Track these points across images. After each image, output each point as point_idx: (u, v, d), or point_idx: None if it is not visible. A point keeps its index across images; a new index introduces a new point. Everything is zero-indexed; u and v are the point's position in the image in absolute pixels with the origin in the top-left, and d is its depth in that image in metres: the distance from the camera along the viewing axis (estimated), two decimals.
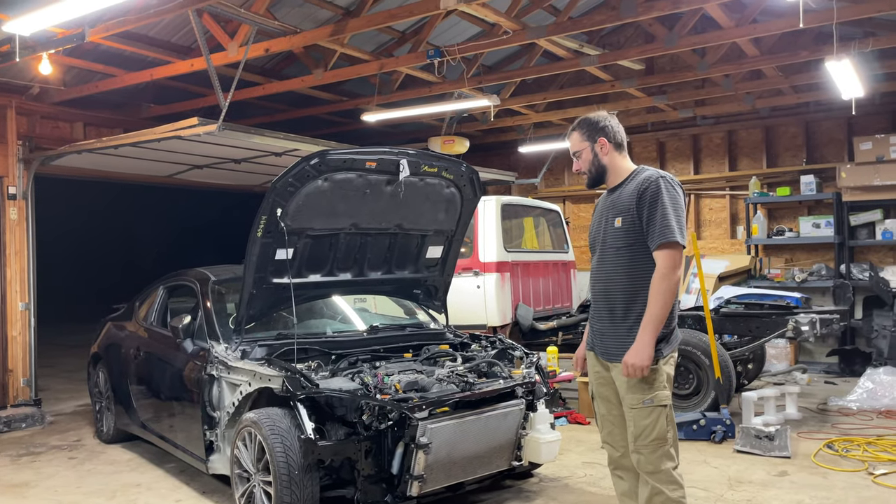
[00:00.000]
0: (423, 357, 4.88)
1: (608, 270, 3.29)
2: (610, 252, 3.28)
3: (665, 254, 3.09)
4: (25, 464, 5.80)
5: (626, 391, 3.17)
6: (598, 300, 3.37)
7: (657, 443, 3.11)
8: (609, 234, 3.30)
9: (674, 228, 3.09)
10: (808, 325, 6.47)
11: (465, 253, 7.40)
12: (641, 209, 3.17)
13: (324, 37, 6.75)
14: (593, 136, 3.35)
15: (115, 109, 8.99)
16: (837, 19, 5.95)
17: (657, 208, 3.13)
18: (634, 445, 3.15)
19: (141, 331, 5.96)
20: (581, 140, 3.38)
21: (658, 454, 3.11)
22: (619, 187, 3.34)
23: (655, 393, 3.12)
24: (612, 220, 3.28)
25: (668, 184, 3.17)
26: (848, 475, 5.07)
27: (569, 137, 3.45)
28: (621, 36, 10.37)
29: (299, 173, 4.31)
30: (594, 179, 3.40)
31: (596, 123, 3.37)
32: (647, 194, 3.16)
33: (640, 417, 3.12)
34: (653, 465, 3.12)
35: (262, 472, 4.04)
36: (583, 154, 3.38)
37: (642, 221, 3.16)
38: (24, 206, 7.74)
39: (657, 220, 3.12)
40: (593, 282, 3.41)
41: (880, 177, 8.89)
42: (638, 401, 3.12)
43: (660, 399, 3.12)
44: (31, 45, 6.22)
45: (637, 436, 3.13)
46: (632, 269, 3.21)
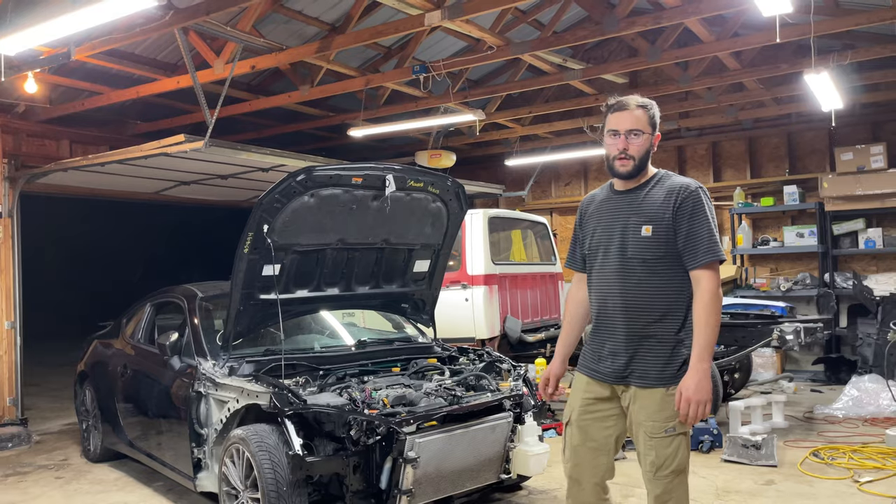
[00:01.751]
0: (411, 371, 4.89)
1: (633, 283, 2.92)
2: (635, 263, 2.91)
3: (710, 274, 2.82)
4: (12, 484, 5.75)
5: (644, 418, 2.88)
6: (613, 316, 2.97)
7: (677, 472, 2.87)
8: (633, 242, 2.92)
9: (720, 246, 2.86)
10: (793, 334, 6.54)
11: (453, 266, 7.43)
12: (680, 220, 2.86)
13: (310, 53, 6.80)
14: (656, 126, 3.01)
15: (102, 127, 8.98)
16: (815, 33, 6.05)
17: (702, 222, 2.85)
18: (655, 475, 2.87)
19: (128, 348, 5.93)
20: (647, 123, 2.97)
21: (677, 482, 2.88)
22: (640, 188, 2.99)
23: (677, 420, 2.83)
24: (637, 226, 2.91)
25: (706, 195, 2.93)
26: (833, 483, 5.11)
27: (627, 110, 2.98)
28: (605, 50, 10.49)
29: (286, 189, 4.33)
30: (636, 170, 2.97)
31: (658, 114, 3.02)
32: (689, 205, 2.86)
33: (662, 446, 2.85)
34: (668, 493, 2.88)
35: (251, 488, 4.03)
36: (643, 138, 2.95)
37: (678, 234, 2.87)
38: (10, 224, 7.70)
39: (703, 235, 2.84)
40: (603, 294, 3.01)
41: (862, 186, 9.01)
42: (660, 429, 2.85)
43: (682, 426, 2.85)
44: (16, 64, 6.23)
45: (659, 466, 2.86)
46: (665, 284, 2.90)
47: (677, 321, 2.92)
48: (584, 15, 8.71)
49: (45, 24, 4.78)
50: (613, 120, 3.00)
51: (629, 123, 2.96)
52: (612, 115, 3.01)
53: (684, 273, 2.90)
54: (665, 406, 2.86)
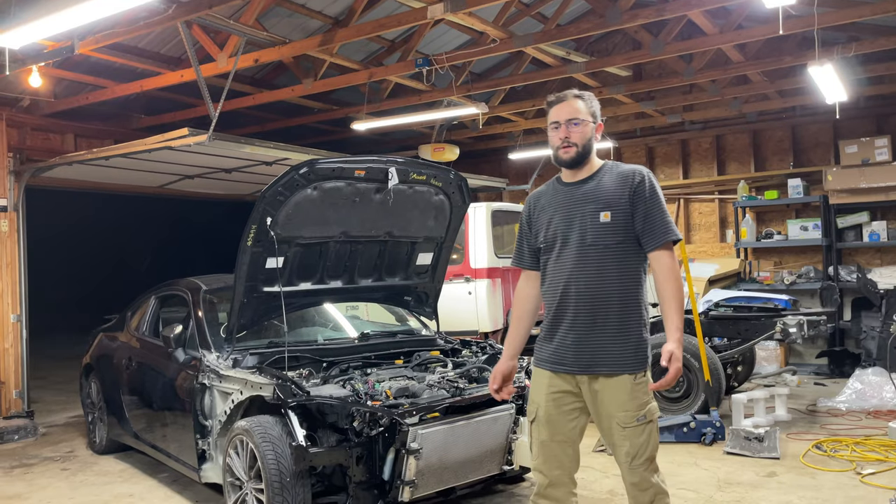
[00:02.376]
0: (413, 363, 4.91)
1: (594, 270, 2.95)
2: (595, 250, 2.96)
3: (669, 253, 2.94)
4: (18, 475, 5.80)
5: (616, 409, 2.92)
6: (576, 305, 2.98)
7: (650, 459, 2.95)
8: (592, 229, 2.97)
9: (675, 226, 2.98)
10: (796, 326, 6.54)
11: (457, 259, 7.44)
12: (637, 204, 2.95)
13: (313, 47, 6.80)
14: (597, 116, 3.11)
15: (106, 121, 9.01)
16: (819, 25, 6.03)
17: (658, 205, 2.96)
18: (631, 465, 2.93)
19: (133, 341, 5.97)
20: (586, 112, 3.06)
21: (651, 469, 2.96)
22: (591, 178, 3.07)
23: (648, 407, 2.94)
24: (595, 213, 2.97)
25: (656, 179, 3.05)
26: (836, 475, 5.12)
27: (565, 102, 3.07)
28: (608, 43, 10.47)
29: (289, 182, 4.34)
30: (580, 157, 3.04)
31: (598, 106, 3.14)
32: (644, 189, 2.96)
33: (636, 435, 2.91)
34: (648, 482, 2.95)
35: (255, 479, 4.06)
36: (584, 126, 3.04)
37: (635, 217, 2.96)
38: (16, 218, 7.74)
39: (658, 216, 2.95)
40: (564, 283, 3.01)
41: (866, 179, 8.98)
42: (632, 418, 2.90)
43: (651, 412, 2.95)
44: (20, 58, 6.24)
45: (634, 455, 2.92)
46: (624, 270, 2.97)
47: (638, 306, 3.01)
48: (588, 8, 8.70)
49: (49, 17, 4.79)
50: (554, 113, 3.09)
51: (568, 113, 3.05)
52: (552, 109, 3.11)
53: (641, 258, 3.01)
54: (635, 395, 2.92)
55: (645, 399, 2.93)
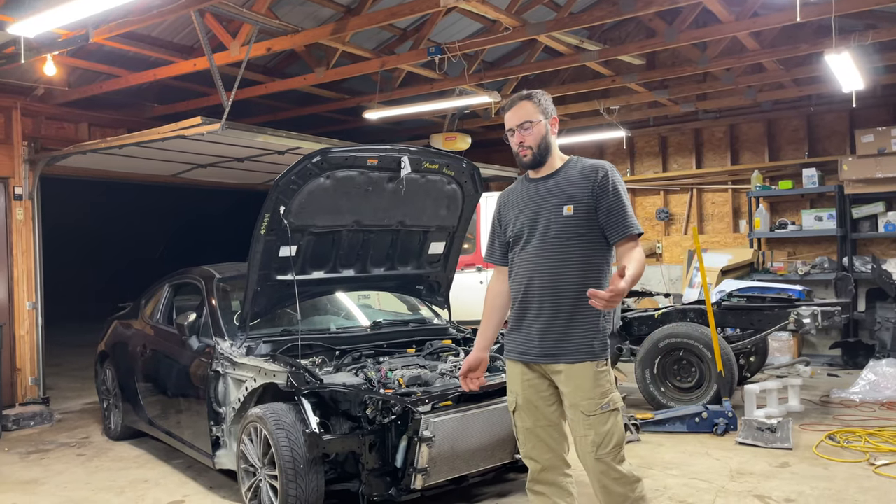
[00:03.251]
0: (426, 352, 4.93)
1: (556, 262, 3.01)
2: (558, 242, 3.01)
3: (633, 244, 2.97)
4: (35, 461, 5.87)
5: (580, 398, 2.95)
6: (536, 299, 3.04)
7: (617, 447, 2.96)
8: (555, 222, 3.01)
9: (637, 221, 3.02)
10: (810, 317, 6.50)
11: (468, 249, 7.44)
12: (600, 198, 2.98)
13: (325, 35, 6.79)
14: (548, 112, 3.10)
15: (119, 110, 9.05)
16: (836, 12, 5.96)
17: (620, 199, 2.99)
18: (597, 454, 2.94)
19: (147, 328, 6.01)
20: (536, 112, 3.07)
21: (618, 458, 2.97)
22: (556, 174, 3.10)
23: (611, 396, 2.97)
24: (559, 206, 3.01)
25: (619, 174, 3.08)
26: (849, 466, 5.10)
27: (514, 107, 3.10)
28: (622, 31, 10.38)
29: (302, 171, 4.35)
30: (538, 159, 3.09)
31: (548, 100, 3.13)
32: (608, 183, 2.98)
33: (600, 424, 2.93)
34: (616, 471, 2.96)
35: (268, 466, 4.09)
36: (535, 127, 3.05)
37: (598, 211, 2.99)
38: (31, 206, 7.80)
39: (620, 210, 2.98)
40: (528, 276, 3.06)
41: (882, 169, 8.89)
42: (595, 406, 2.93)
43: (614, 401, 2.98)
44: (35, 46, 6.28)
45: (598, 444, 2.93)
46: (586, 262, 3.01)
47: None
48: None
49: (64, 6, 4.82)
50: (507, 119, 3.13)
51: (519, 118, 3.09)
52: (505, 115, 3.15)
53: (604, 250, 3.04)
54: (598, 382, 2.97)
55: (607, 387, 2.98)
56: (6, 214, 7.66)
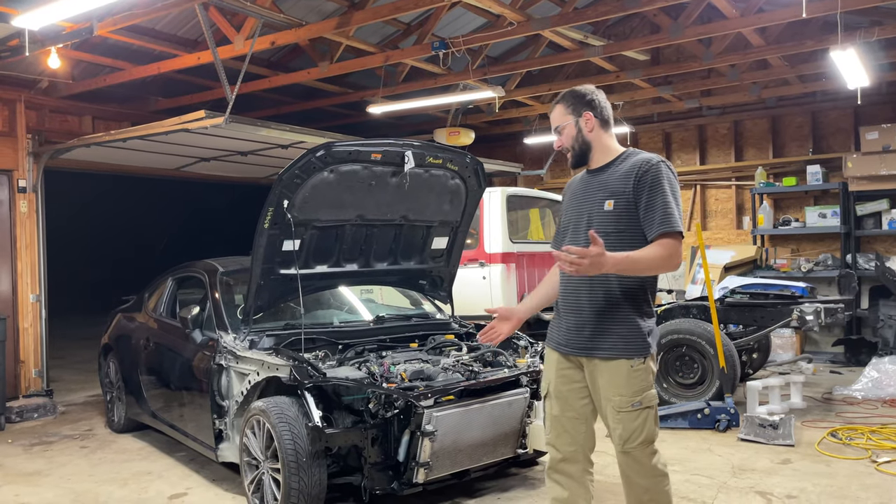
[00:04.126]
0: (428, 347, 4.93)
1: None
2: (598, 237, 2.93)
3: (667, 241, 2.85)
4: (38, 453, 5.90)
5: (612, 393, 2.94)
6: (576, 291, 3.05)
7: (645, 443, 2.94)
8: (596, 217, 2.99)
9: (677, 218, 2.87)
10: (813, 314, 6.48)
11: (471, 244, 7.44)
12: (640, 193, 2.91)
13: (329, 29, 6.79)
14: (578, 109, 3.08)
15: (123, 103, 9.05)
16: (842, 8, 5.93)
17: (658, 194, 2.88)
18: (623, 447, 2.95)
19: (151, 322, 6.03)
20: (564, 114, 3.10)
21: (646, 453, 2.96)
22: (606, 167, 3.06)
23: (645, 394, 2.93)
24: (601, 201, 2.99)
25: (668, 169, 2.95)
26: (851, 463, 5.10)
27: (551, 112, 3.17)
28: (626, 26, 10.36)
29: (305, 165, 4.35)
30: (578, 157, 3.11)
31: (582, 97, 3.09)
32: (648, 178, 2.90)
33: (629, 420, 2.92)
34: (641, 465, 2.97)
35: (271, 459, 4.10)
36: (566, 129, 3.10)
37: (638, 207, 2.92)
38: (34, 199, 7.82)
39: (658, 206, 2.87)
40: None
41: (886, 166, 8.87)
42: (626, 403, 2.91)
43: (648, 400, 2.94)
44: (39, 39, 6.28)
45: (626, 439, 2.93)
46: None
47: (639, 295, 2.99)
48: None
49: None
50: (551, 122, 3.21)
51: (553, 123, 3.17)
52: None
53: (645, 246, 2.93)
54: (632, 381, 2.92)
55: (642, 386, 2.93)
56: (10, 207, 7.67)
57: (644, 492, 3.01)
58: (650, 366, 2.98)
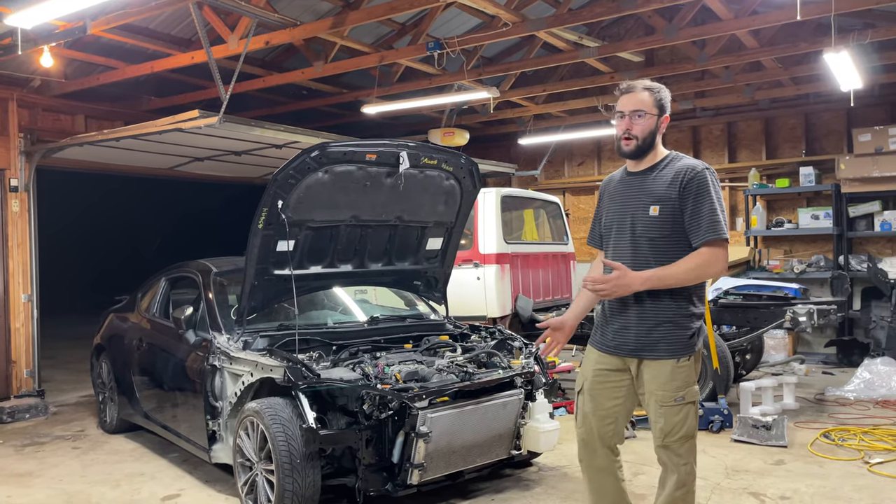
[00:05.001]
0: (423, 348, 4.93)
1: (639, 261, 3.03)
2: (643, 241, 3.05)
3: (712, 249, 2.94)
4: (30, 453, 5.86)
5: (656, 387, 3.02)
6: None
7: (685, 438, 3.03)
8: (641, 222, 3.05)
9: (723, 225, 2.95)
10: (806, 315, 6.51)
11: (466, 245, 7.43)
12: (685, 200, 2.97)
13: (324, 29, 6.77)
14: (663, 108, 3.11)
15: (116, 102, 9.01)
16: (836, 11, 5.95)
17: (705, 202, 2.95)
18: (663, 441, 3.04)
19: (143, 322, 6.00)
20: (652, 104, 3.07)
21: (686, 448, 3.05)
22: (650, 171, 3.10)
23: (688, 389, 3.01)
24: (646, 206, 3.04)
25: (713, 176, 3.03)
26: (844, 464, 5.12)
27: (632, 92, 3.10)
28: (621, 28, 10.37)
29: (300, 165, 4.34)
30: (640, 150, 3.09)
31: (667, 97, 3.13)
32: (694, 185, 2.97)
33: (672, 414, 3.01)
34: (681, 457, 3.05)
35: (265, 460, 4.09)
36: (646, 119, 3.06)
37: (684, 213, 2.98)
38: (27, 198, 7.77)
39: (705, 214, 2.94)
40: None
41: (879, 168, 8.91)
42: (669, 398, 2.99)
43: (691, 395, 3.02)
44: (32, 37, 6.24)
45: (667, 432, 3.02)
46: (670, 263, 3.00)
47: (685, 298, 3.04)
48: None
49: None
50: (620, 103, 3.14)
51: (633, 105, 3.09)
52: (620, 98, 3.16)
53: (689, 251, 3.00)
54: (676, 376, 3.00)
55: (686, 382, 3.02)
56: (2, 206, 7.63)
57: (677, 487, 3.09)
58: (695, 363, 3.07)
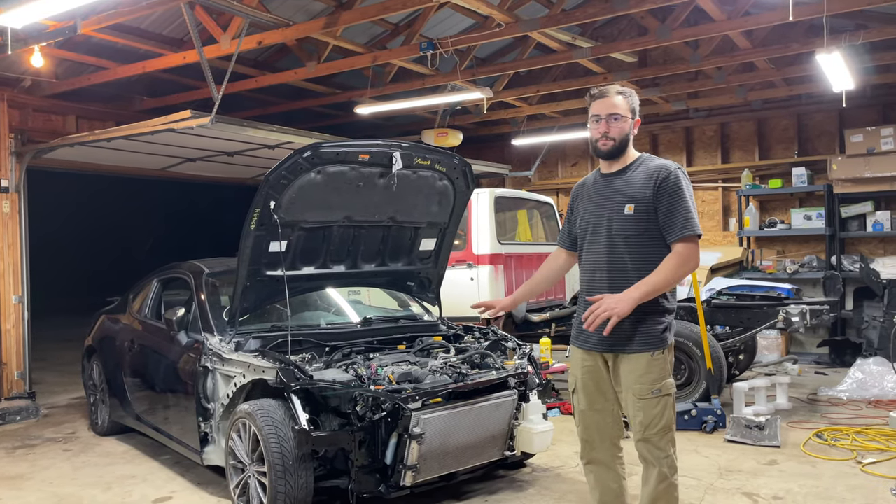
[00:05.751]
0: (416, 349, 4.91)
1: (615, 258, 3.18)
2: (618, 239, 3.18)
3: (687, 245, 3.08)
4: (20, 456, 5.82)
5: (633, 381, 3.14)
6: (600, 289, 3.21)
7: (664, 430, 3.13)
8: (617, 220, 3.19)
9: (696, 221, 3.10)
10: (799, 315, 6.53)
11: (459, 245, 7.43)
12: (660, 199, 3.11)
13: (317, 29, 6.75)
14: (635, 112, 3.27)
15: (108, 102, 8.97)
16: (828, 12, 5.97)
17: (678, 200, 3.09)
18: (643, 434, 3.14)
19: (135, 323, 5.97)
20: (626, 109, 3.23)
21: (665, 440, 3.14)
22: (624, 171, 3.25)
23: (664, 382, 3.13)
24: (621, 205, 3.18)
25: (684, 175, 3.17)
26: (837, 464, 5.13)
27: (607, 97, 3.24)
28: (614, 28, 10.38)
29: (292, 166, 4.32)
30: (615, 151, 3.23)
31: (637, 103, 3.29)
32: (668, 185, 3.11)
33: (650, 407, 3.11)
34: (662, 450, 3.14)
35: (257, 462, 4.07)
36: (620, 122, 3.21)
37: (658, 211, 3.12)
38: (17, 199, 7.72)
39: (679, 212, 3.08)
40: (591, 269, 3.29)
41: (871, 169, 8.94)
42: (647, 391, 3.11)
43: (667, 388, 3.14)
44: (22, 37, 6.19)
45: (647, 425, 3.12)
46: (643, 259, 3.14)
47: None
48: None
49: None
50: (595, 107, 3.28)
51: (609, 108, 3.24)
52: (594, 102, 3.30)
53: (664, 248, 3.14)
54: (651, 369, 3.13)
55: (661, 374, 3.14)
56: None
57: (660, 480, 3.15)
58: (668, 356, 3.20)
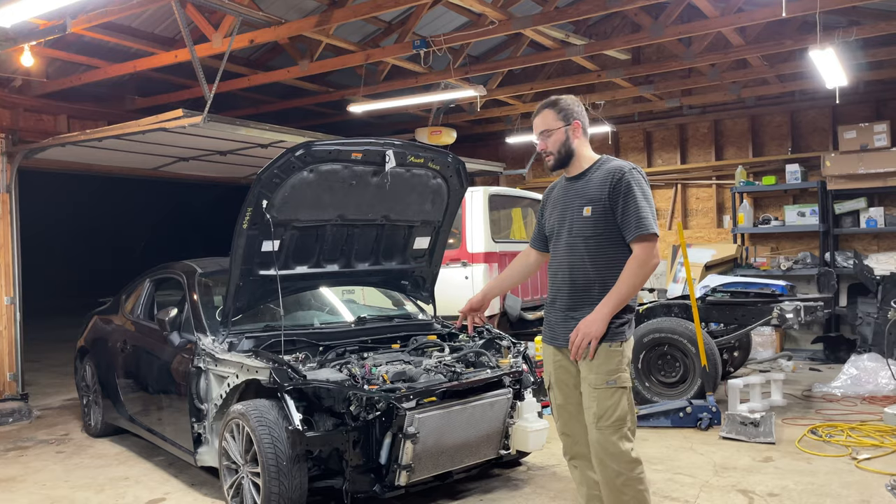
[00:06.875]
0: (410, 348, 4.89)
1: (575, 259, 3.26)
2: (577, 240, 3.25)
3: (643, 245, 3.13)
4: (13, 458, 5.78)
5: (589, 371, 3.17)
6: (561, 289, 3.32)
7: (618, 423, 3.12)
8: (576, 223, 3.26)
9: (650, 221, 3.14)
10: (793, 312, 6.53)
11: (454, 244, 7.41)
12: (615, 200, 3.17)
13: (309, 27, 6.72)
14: (569, 118, 3.30)
15: (99, 102, 8.92)
16: (821, 8, 5.97)
17: (631, 200, 3.14)
18: (597, 425, 3.14)
19: (128, 324, 5.93)
20: (555, 119, 3.30)
21: (618, 435, 3.12)
22: (583, 175, 3.31)
23: (619, 374, 3.15)
24: (580, 208, 3.25)
25: (639, 175, 3.21)
26: (832, 460, 5.13)
27: (538, 115, 3.36)
28: (608, 26, 10.38)
29: (285, 165, 4.30)
30: (560, 162, 3.33)
31: (571, 105, 3.33)
32: (621, 186, 3.16)
33: (604, 398, 3.13)
34: (614, 446, 3.11)
35: (251, 463, 4.04)
36: (554, 134, 3.30)
37: (615, 212, 3.17)
38: (8, 199, 7.66)
39: (632, 212, 3.14)
40: (554, 270, 3.38)
41: (864, 165, 8.96)
42: (602, 381, 3.13)
43: (622, 380, 3.15)
44: (12, 36, 6.15)
45: (600, 416, 3.13)
46: (601, 259, 3.21)
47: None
48: None
49: None
50: (533, 126, 3.41)
51: (539, 126, 3.37)
52: (532, 122, 3.43)
53: (622, 248, 3.21)
54: (607, 360, 3.16)
55: (616, 366, 3.16)
56: None
57: (616, 475, 3.14)
58: (625, 350, 3.22)
